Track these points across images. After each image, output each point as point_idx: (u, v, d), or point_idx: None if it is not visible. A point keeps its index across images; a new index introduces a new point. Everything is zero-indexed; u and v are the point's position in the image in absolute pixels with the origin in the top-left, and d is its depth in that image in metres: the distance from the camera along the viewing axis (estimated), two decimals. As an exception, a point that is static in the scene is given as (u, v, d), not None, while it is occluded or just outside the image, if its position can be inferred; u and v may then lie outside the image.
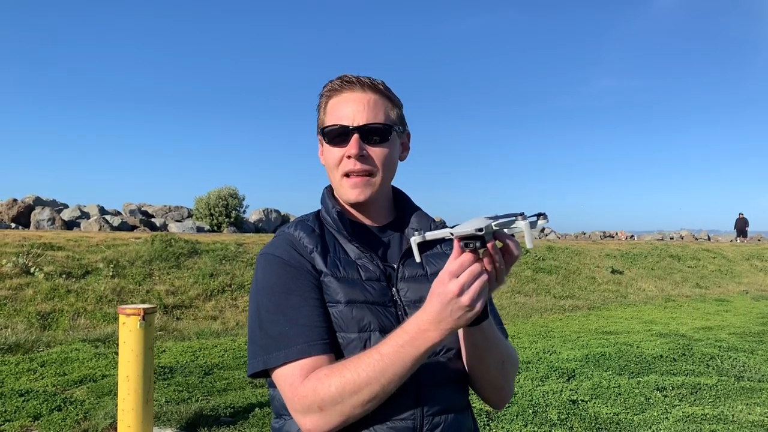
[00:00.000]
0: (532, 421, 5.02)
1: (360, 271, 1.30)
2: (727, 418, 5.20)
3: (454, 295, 1.05)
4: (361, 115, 1.32)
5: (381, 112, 1.34)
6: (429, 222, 1.42)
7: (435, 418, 1.25)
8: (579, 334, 9.46)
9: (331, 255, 1.31)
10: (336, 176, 1.35)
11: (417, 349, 1.11)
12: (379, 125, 1.33)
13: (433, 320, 1.09)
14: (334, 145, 1.34)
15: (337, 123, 1.33)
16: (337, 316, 1.25)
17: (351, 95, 1.34)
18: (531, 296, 13.56)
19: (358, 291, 1.27)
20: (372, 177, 1.34)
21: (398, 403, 1.21)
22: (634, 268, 17.90)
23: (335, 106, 1.35)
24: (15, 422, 4.78)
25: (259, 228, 20.00)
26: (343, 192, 1.35)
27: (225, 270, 11.09)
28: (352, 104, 1.33)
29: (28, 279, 9.24)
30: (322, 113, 1.38)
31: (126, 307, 4.38)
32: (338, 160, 1.33)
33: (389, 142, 1.35)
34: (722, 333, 9.84)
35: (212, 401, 5.42)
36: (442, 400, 1.27)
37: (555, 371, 6.69)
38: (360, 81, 1.35)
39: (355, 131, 1.31)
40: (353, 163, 1.32)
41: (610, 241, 25.59)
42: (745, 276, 19.69)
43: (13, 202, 16.56)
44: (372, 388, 1.12)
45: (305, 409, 1.16)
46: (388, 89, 1.38)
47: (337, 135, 1.33)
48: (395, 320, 1.27)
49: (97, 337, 7.87)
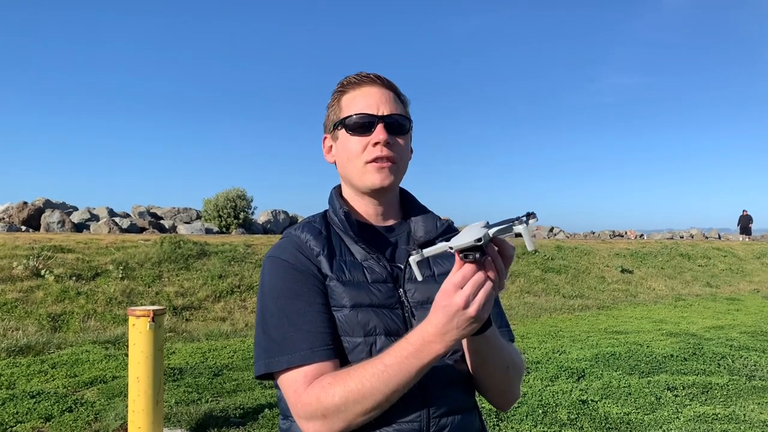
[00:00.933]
0: (542, 421, 5.00)
1: (366, 273, 1.29)
2: (739, 417, 5.16)
3: (459, 308, 1.05)
4: (385, 106, 1.33)
5: (400, 107, 1.37)
6: (435, 221, 1.41)
7: (442, 419, 1.25)
8: (589, 334, 9.42)
9: (337, 258, 1.30)
10: (358, 164, 1.33)
11: (421, 361, 1.11)
12: (402, 117, 1.35)
13: (438, 332, 1.09)
14: (356, 134, 1.33)
15: (362, 112, 1.32)
16: (342, 320, 1.24)
17: (370, 89, 1.36)
18: (540, 296, 13.51)
19: (363, 294, 1.26)
20: (395, 165, 1.34)
21: (405, 405, 1.21)
22: (644, 267, 17.80)
23: (354, 99, 1.35)
24: (27, 423, 4.82)
25: (267, 229, 20.05)
26: (368, 178, 1.33)
27: (234, 271, 11.13)
28: (374, 96, 1.34)
29: (39, 281, 9.30)
30: (337, 108, 1.38)
31: (135, 308, 4.41)
32: (361, 149, 1.32)
33: (407, 136, 1.38)
34: (733, 332, 9.77)
35: (222, 402, 5.43)
36: (448, 401, 1.27)
37: (565, 371, 6.66)
38: (378, 77, 1.37)
39: (381, 120, 1.32)
40: (380, 149, 1.31)
41: (620, 240, 25.48)
42: (756, 274, 19.54)
43: (23, 205, 16.67)
44: (375, 398, 1.13)
45: (309, 416, 1.16)
46: (398, 88, 1.40)
47: (361, 124, 1.32)
48: (401, 322, 1.27)
49: (107, 339, 7.92)
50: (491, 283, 1.06)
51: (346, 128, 1.34)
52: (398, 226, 1.41)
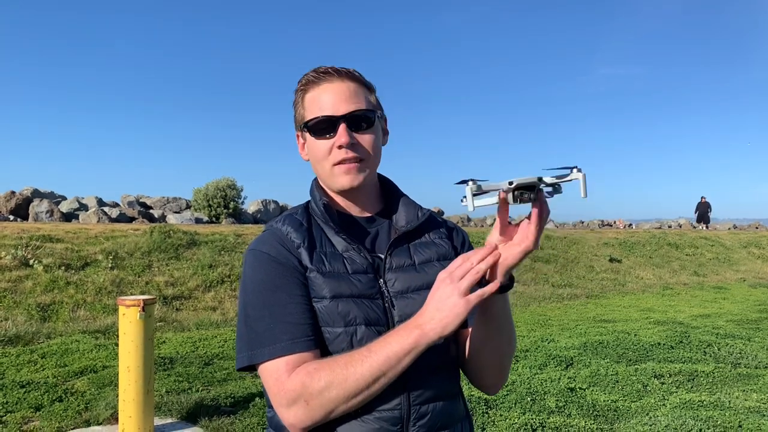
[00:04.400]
0: (531, 408, 5.06)
1: (346, 264, 1.30)
2: (724, 404, 5.24)
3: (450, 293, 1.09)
4: (344, 104, 1.30)
5: (362, 99, 1.33)
6: (416, 211, 1.40)
7: (422, 406, 1.25)
8: (577, 323, 9.50)
9: (318, 250, 1.30)
10: (326, 167, 1.33)
11: (406, 343, 1.12)
12: (364, 111, 1.32)
13: (427, 315, 1.12)
14: (320, 137, 1.31)
15: (321, 114, 1.30)
16: (323, 311, 1.25)
17: (329, 85, 1.32)
18: (529, 285, 13.60)
19: (343, 285, 1.27)
20: (363, 162, 1.32)
21: (384, 392, 1.21)
22: (632, 257, 17.94)
23: (315, 99, 1.32)
24: (17, 413, 4.81)
25: (257, 219, 20.00)
26: (336, 180, 1.33)
27: (224, 261, 11.11)
28: (333, 94, 1.31)
29: (28, 271, 9.25)
30: (301, 108, 1.36)
31: (126, 298, 4.40)
32: (327, 152, 1.31)
33: (374, 128, 1.34)
34: (719, 320, 9.89)
35: (212, 391, 5.45)
36: (430, 388, 1.27)
37: (553, 359, 6.72)
38: (336, 70, 1.33)
39: (342, 120, 1.30)
40: (344, 152, 1.30)
41: (609, 229, 25.62)
42: (742, 263, 19.74)
43: (11, 195, 16.53)
44: (359, 385, 1.14)
45: (291, 402, 1.16)
46: (361, 75, 1.37)
47: (323, 126, 1.30)
48: (382, 312, 1.27)
49: (97, 329, 7.90)
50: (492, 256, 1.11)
51: (309, 132, 1.33)
52: (378, 216, 1.41)
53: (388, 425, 1.23)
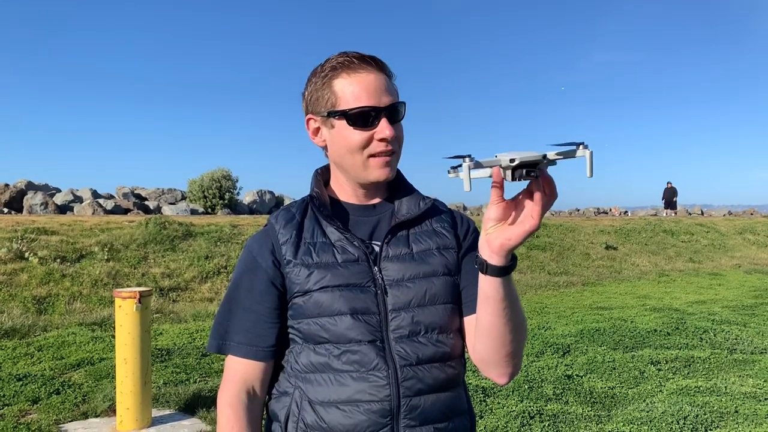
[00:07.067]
0: (528, 396, 5.07)
1: (336, 253, 1.29)
2: (720, 390, 5.27)
3: None
4: (386, 96, 1.27)
5: (395, 90, 1.31)
6: (418, 201, 1.38)
7: (414, 398, 1.24)
8: (573, 310, 9.53)
9: (307, 242, 1.30)
10: (358, 158, 1.28)
11: None
12: (402, 103, 1.31)
13: None
14: (359, 127, 1.26)
15: (365, 104, 1.25)
16: (307, 303, 1.25)
17: (369, 75, 1.27)
18: (525, 273, 13.62)
19: (330, 275, 1.26)
20: (394, 156, 1.31)
21: (373, 385, 1.21)
22: (628, 244, 17.98)
23: (351, 86, 1.26)
24: (14, 406, 4.80)
25: (253, 209, 19.97)
26: (371, 172, 1.29)
27: (220, 252, 11.09)
28: (373, 84, 1.26)
29: (23, 264, 9.21)
30: (328, 92, 1.29)
31: (122, 290, 4.39)
32: (364, 142, 1.27)
33: (402, 120, 1.34)
34: (715, 306, 9.93)
35: (210, 382, 5.45)
36: (423, 380, 1.25)
37: (550, 347, 6.74)
38: (373, 59, 1.29)
39: (385, 112, 1.26)
40: (385, 145, 1.27)
41: (604, 217, 25.66)
42: (737, 250, 19.81)
43: (4, 187, 16.45)
44: None
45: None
46: (389, 67, 1.34)
47: (365, 117, 1.25)
48: (372, 301, 1.26)
49: (94, 321, 7.88)
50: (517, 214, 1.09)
51: (347, 120, 1.27)
52: (381, 205, 1.39)
53: (377, 417, 1.22)
